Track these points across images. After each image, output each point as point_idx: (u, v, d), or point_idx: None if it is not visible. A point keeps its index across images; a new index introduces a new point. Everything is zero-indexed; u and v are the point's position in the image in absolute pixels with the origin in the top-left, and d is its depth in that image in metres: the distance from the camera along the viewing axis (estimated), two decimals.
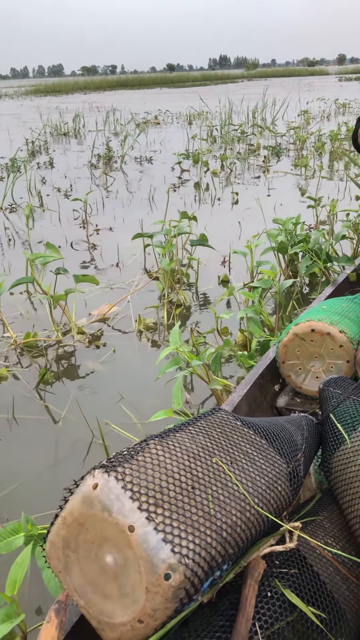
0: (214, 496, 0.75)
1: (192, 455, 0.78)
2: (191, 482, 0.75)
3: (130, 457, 0.75)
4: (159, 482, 0.72)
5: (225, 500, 0.76)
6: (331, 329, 1.29)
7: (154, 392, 1.93)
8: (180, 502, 0.72)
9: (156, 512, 0.70)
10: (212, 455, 0.80)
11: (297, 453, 0.95)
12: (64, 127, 11.38)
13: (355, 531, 0.93)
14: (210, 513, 0.73)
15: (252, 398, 1.33)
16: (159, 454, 0.75)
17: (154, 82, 42.78)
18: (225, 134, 8.87)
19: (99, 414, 1.82)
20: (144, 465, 0.74)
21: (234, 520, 0.76)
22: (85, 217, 4.25)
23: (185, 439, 0.80)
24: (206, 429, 0.84)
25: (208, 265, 3.29)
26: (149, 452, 0.76)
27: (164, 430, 0.83)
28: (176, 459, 0.76)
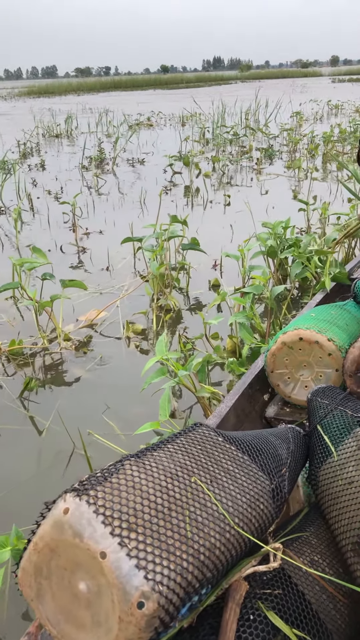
0: (191, 517, 0.72)
1: (170, 474, 0.74)
2: (168, 503, 0.71)
3: (104, 479, 0.72)
4: (134, 504, 0.69)
5: (204, 522, 0.73)
6: (319, 337, 1.26)
7: (141, 400, 1.89)
8: (155, 525, 0.69)
9: (129, 537, 0.67)
10: (191, 474, 0.77)
11: (282, 468, 0.92)
12: (56, 128, 11.33)
13: (342, 547, 0.90)
14: (187, 536, 0.70)
15: (240, 408, 1.30)
16: (134, 475, 0.72)
17: (147, 83, 42.81)
18: (218, 135, 8.85)
19: (84, 423, 1.78)
20: (117, 488, 0.70)
21: (213, 542, 0.72)
22: (74, 220, 4.21)
23: (163, 457, 0.77)
24: (186, 446, 0.80)
25: (199, 269, 3.26)
26: (123, 473, 0.72)
27: (141, 449, 0.80)
28: (152, 480, 0.72)
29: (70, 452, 1.67)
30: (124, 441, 1.67)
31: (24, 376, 2.12)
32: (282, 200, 5.01)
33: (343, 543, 0.90)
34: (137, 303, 2.81)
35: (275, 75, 54.32)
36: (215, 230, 4.09)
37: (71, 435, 1.70)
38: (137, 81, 44.21)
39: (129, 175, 6.68)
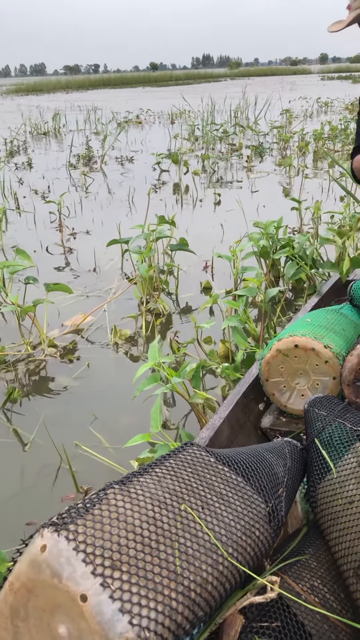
0: (181, 550, 0.66)
1: (158, 503, 0.68)
2: (155, 535, 0.65)
3: (86, 510, 0.65)
4: (118, 539, 0.63)
5: (195, 554, 0.67)
6: (315, 344, 1.20)
7: (130, 409, 1.82)
8: (141, 561, 0.62)
9: (112, 576, 0.60)
10: (181, 500, 0.70)
11: (278, 488, 0.86)
12: (44, 126, 11.19)
13: (344, 572, 0.84)
14: (176, 572, 0.64)
15: (234, 419, 1.24)
16: (118, 505, 0.66)
17: (136, 81, 42.61)
18: (207, 133, 8.79)
19: (71, 435, 1.71)
20: (100, 520, 0.64)
21: (205, 576, 0.66)
22: (60, 220, 4.12)
23: (151, 483, 0.71)
24: (175, 469, 0.74)
25: (189, 271, 3.19)
26: (107, 504, 0.66)
27: (127, 474, 0.73)
28: (139, 510, 0.66)
29: (57, 466, 1.60)
30: (113, 454, 1.60)
31: (6, 385, 2.04)
32: (273, 198, 4.96)
33: (344, 568, 0.84)
34: (125, 307, 2.74)
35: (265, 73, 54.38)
36: (205, 230, 4.03)
37: (57, 449, 1.62)
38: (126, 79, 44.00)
39: (117, 173, 6.59)
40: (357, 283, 1.64)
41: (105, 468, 1.56)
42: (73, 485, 1.49)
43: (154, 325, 2.48)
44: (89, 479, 1.52)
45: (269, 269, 2.89)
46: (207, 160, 6.91)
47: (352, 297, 1.63)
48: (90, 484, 1.50)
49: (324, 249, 3.06)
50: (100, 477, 1.52)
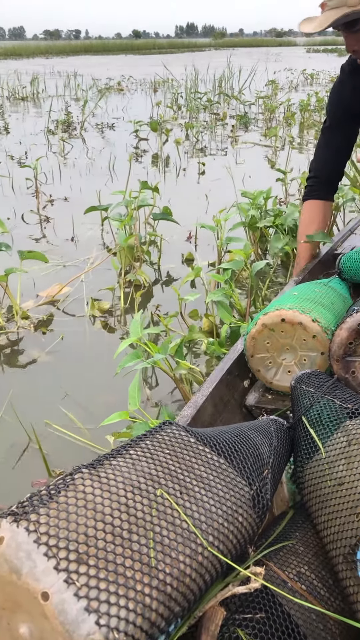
0: (156, 540, 0.58)
1: (132, 488, 0.60)
2: (128, 524, 0.57)
3: (50, 498, 0.57)
4: (85, 529, 0.55)
5: (172, 544, 0.59)
6: (303, 318, 1.12)
7: (107, 387, 1.73)
8: (111, 553, 0.55)
9: (78, 571, 0.52)
10: (158, 485, 0.62)
11: (263, 469, 0.79)
12: (22, 91, 10.74)
13: (333, 559, 0.78)
14: (150, 564, 0.56)
15: (218, 397, 1.16)
16: (86, 491, 0.57)
17: (119, 48, 41.34)
18: (191, 101, 8.53)
19: (42, 414, 1.61)
20: (66, 509, 0.55)
21: (182, 568, 0.59)
22: (36, 187, 3.94)
23: (124, 466, 0.62)
24: (152, 451, 0.66)
25: (172, 241, 3.08)
26: (74, 490, 0.58)
27: (98, 457, 0.65)
28: (110, 496, 0.58)
29: (25, 446, 1.50)
30: (87, 434, 1.52)
31: None
32: (258, 169, 4.83)
33: (333, 554, 0.78)
34: (104, 278, 2.63)
35: (250, 44, 53.19)
36: (189, 200, 3.90)
37: (26, 428, 1.53)
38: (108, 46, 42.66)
39: (97, 140, 6.35)
40: (345, 256, 1.57)
41: (80, 449, 1.48)
42: (44, 468, 1.40)
43: (133, 297, 2.38)
44: (63, 462, 1.44)
45: (256, 240, 2.80)
46: (190, 129, 6.71)
47: (341, 270, 1.56)
48: (64, 467, 1.42)
49: None
50: (75, 459, 1.44)
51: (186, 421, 1.02)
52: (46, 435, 1.54)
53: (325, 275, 1.58)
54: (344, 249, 2.04)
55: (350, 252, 1.55)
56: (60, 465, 1.43)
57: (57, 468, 1.42)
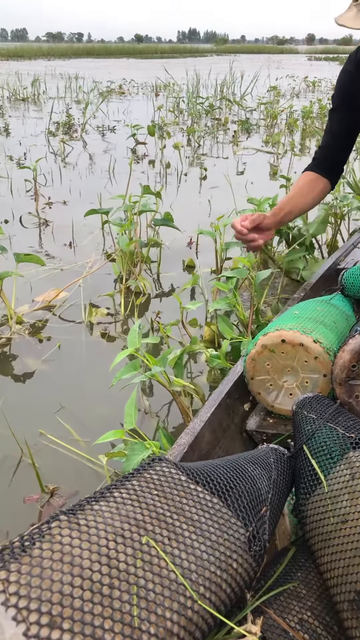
0: (140, 595, 0.52)
1: (114, 536, 0.54)
2: (109, 579, 0.51)
3: (22, 550, 0.51)
4: (61, 586, 0.49)
5: (158, 599, 0.53)
6: (304, 339, 1.07)
7: (105, 398, 1.67)
8: (89, 614, 0.48)
9: (50, 637, 0.46)
10: (144, 531, 0.57)
11: (261, 507, 0.74)
12: (22, 92, 10.70)
13: (337, 604, 0.72)
14: (133, 625, 0.50)
15: (217, 422, 1.10)
16: (64, 542, 0.51)
17: (121, 52, 41.41)
18: (193, 105, 8.50)
19: (36, 425, 1.55)
20: (39, 564, 0.49)
21: (169, 627, 0.53)
22: (35, 188, 3.88)
23: (107, 512, 0.56)
24: (138, 492, 0.60)
25: (173, 247, 3.02)
26: (50, 541, 0.52)
27: (79, 501, 0.59)
28: (89, 546, 0.52)
29: (18, 460, 1.45)
30: (84, 446, 1.46)
31: None
32: (261, 175, 4.79)
33: (338, 599, 0.72)
34: (103, 283, 2.57)
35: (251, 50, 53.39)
36: (190, 205, 3.85)
37: (18, 440, 1.47)
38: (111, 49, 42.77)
39: (98, 143, 6.31)
40: (348, 271, 1.51)
41: (75, 464, 1.42)
42: (37, 483, 1.34)
43: (133, 304, 2.32)
44: (56, 477, 1.38)
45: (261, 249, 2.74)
46: (192, 134, 6.67)
47: (344, 286, 1.50)
48: (58, 482, 1.36)
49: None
50: (69, 474, 1.38)
51: (183, 449, 0.97)
52: (40, 447, 1.49)
53: (328, 292, 1.52)
54: (347, 263, 1.99)
55: (353, 268, 1.50)
56: (54, 480, 1.37)
57: (50, 483, 1.36)
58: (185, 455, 0.95)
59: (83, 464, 1.42)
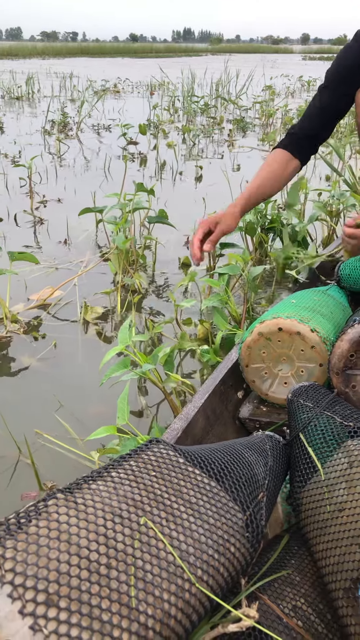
0: (138, 576, 0.52)
1: (112, 516, 0.54)
2: (106, 558, 0.51)
3: (18, 527, 0.51)
4: (58, 564, 0.49)
5: (155, 580, 0.53)
6: (301, 328, 1.07)
7: (101, 396, 1.67)
8: (86, 593, 0.48)
9: (47, 615, 0.46)
10: (142, 512, 0.57)
11: (258, 492, 0.74)
12: (17, 90, 10.67)
13: (331, 592, 0.73)
14: (130, 605, 0.50)
15: (210, 409, 1.11)
16: (60, 520, 0.51)
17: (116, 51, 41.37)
18: (188, 105, 8.50)
19: (32, 424, 1.55)
20: (36, 541, 0.49)
21: (167, 608, 0.53)
22: (30, 186, 3.88)
23: (104, 491, 0.57)
24: (136, 472, 0.60)
25: (168, 245, 3.02)
26: (46, 518, 0.52)
27: (77, 480, 0.59)
28: (86, 525, 0.52)
29: (16, 459, 1.44)
30: (82, 445, 1.46)
31: None
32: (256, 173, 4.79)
33: (332, 587, 0.72)
34: (98, 281, 2.57)
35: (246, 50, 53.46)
36: (186, 203, 3.85)
37: (16, 439, 1.47)
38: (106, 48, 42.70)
39: (93, 141, 6.30)
40: (344, 263, 1.53)
41: (72, 462, 1.42)
42: (35, 481, 1.34)
43: (128, 302, 2.32)
44: (54, 475, 1.37)
45: (255, 247, 2.75)
46: (187, 133, 6.67)
47: (340, 277, 1.51)
48: (55, 479, 1.36)
49: (313, 227, 2.94)
50: (66, 471, 1.38)
51: (176, 434, 0.97)
52: (37, 446, 1.48)
53: (324, 283, 1.53)
54: (342, 255, 2.00)
55: (350, 260, 1.51)
56: (52, 478, 1.37)
57: (48, 481, 1.36)
58: (179, 439, 0.96)
59: (80, 461, 1.42)
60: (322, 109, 1.70)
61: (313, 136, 1.72)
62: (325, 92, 1.71)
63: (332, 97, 1.69)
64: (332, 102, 1.69)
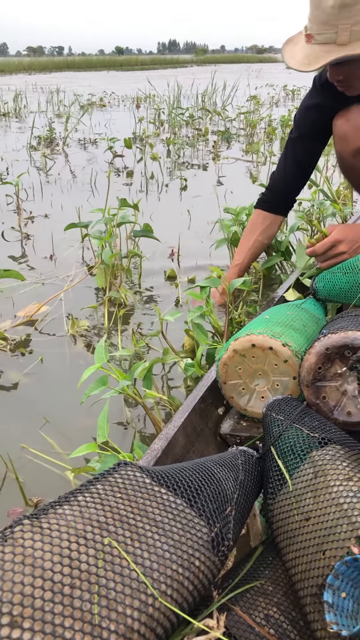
0: (101, 594, 0.55)
1: (77, 538, 0.57)
2: (70, 579, 0.54)
3: None
4: (22, 587, 0.51)
5: (118, 597, 0.56)
6: (273, 343, 1.11)
7: (87, 410, 1.69)
8: (49, 613, 0.51)
9: (10, 636, 0.49)
10: (107, 533, 0.59)
11: (226, 507, 0.77)
12: (3, 107, 10.74)
13: (301, 599, 0.75)
14: (93, 622, 0.53)
15: (191, 427, 1.13)
16: (26, 545, 0.54)
17: (102, 64, 41.72)
18: (174, 117, 8.59)
19: (18, 439, 1.57)
20: (1, 566, 0.52)
21: (130, 623, 0.55)
22: (17, 203, 3.91)
23: (69, 515, 0.59)
24: (102, 495, 0.63)
25: (153, 258, 3.06)
26: (12, 544, 0.54)
27: (43, 506, 0.62)
28: (51, 548, 0.55)
29: (3, 475, 1.46)
30: (66, 461, 1.47)
31: None
32: (240, 184, 4.86)
33: (302, 593, 0.75)
34: (84, 296, 2.60)
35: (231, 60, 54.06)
36: (171, 216, 3.90)
37: (2, 455, 1.48)
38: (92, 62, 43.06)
39: (80, 156, 6.36)
40: (319, 276, 1.56)
41: (58, 477, 1.43)
42: (21, 497, 1.36)
43: (115, 316, 2.35)
44: (40, 490, 1.39)
45: None
46: (172, 145, 6.75)
47: (315, 290, 1.55)
48: (41, 495, 1.38)
49: (294, 236, 2.99)
50: (52, 487, 1.40)
51: (156, 454, 0.99)
52: (24, 462, 1.50)
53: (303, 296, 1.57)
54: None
55: (324, 272, 1.55)
56: (39, 493, 1.38)
57: (34, 497, 1.37)
58: (159, 460, 0.98)
59: (67, 476, 1.44)
60: (294, 163, 1.77)
61: (292, 192, 1.82)
62: (293, 144, 1.78)
63: (301, 149, 1.76)
64: (303, 154, 1.76)
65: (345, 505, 0.76)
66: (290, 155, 1.78)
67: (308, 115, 1.72)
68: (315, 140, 1.73)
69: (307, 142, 1.74)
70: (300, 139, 1.75)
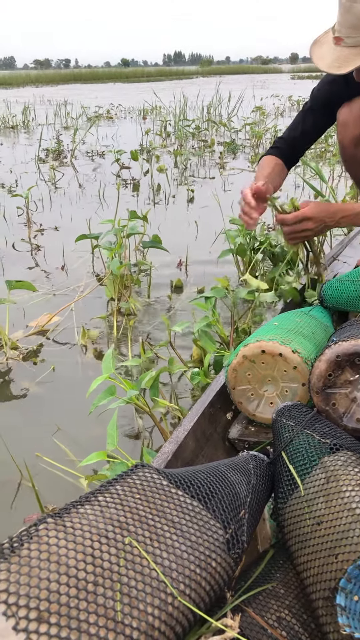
0: (123, 592, 0.57)
1: (99, 537, 0.59)
2: (93, 576, 0.56)
3: (11, 551, 0.56)
4: (48, 584, 0.54)
5: (140, 595, 0.58)
6: (283, 349, 1.13)
7: (99, 418, 1.71)
8: (75, 609, 0.53)
9: (38, 630, 0.51)
10: (127, 532, 0.62)
11: (240, 510, 0.79)
12: (12, 119, 10.91)
13: (313, 602, 0.77)
14: (116, 619, 0.55)
15: (200, 431, 1.16)
16: (51, 543, 0.57)
17: (108, 76, 42.24)
18: (180, 129, 8.69)
19: (33, 447, 1.60)
20: (28, 563, 0.55)
21: (151, 621, 0.58)
22: (27, 215, 3.98)
23: (91, 514, 0.62)
24: (121, 496, 0.66)
25: (161, 268, 3.10)
26: (37, 542, 0.57)
27: (65, 505, 0.64)
28: (75, 547, 0.57)
29: (17, 483, 1.48)
30: (78, 469, 1.50)
31: None
32: None
33: (313, 597, 0.77)
34: (94, 306, 2.64)
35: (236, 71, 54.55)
36: (179, 227, 3.94)
37: (17, 463, 1.51)
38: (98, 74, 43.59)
39: (88, 168, 6.44)
40: (327, 284, 1.59)
41: (71, 485, 1.46)
42: (37, 504, 1.38)
43: (124, 325, 2.39)
44: (55, 497, 1.42)
45: (246, 267, 2.82)
46: (179, 157, 6.82)
47: (323, 298, 1.57)
48: (56, 502, 1.40)
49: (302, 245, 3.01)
50: (67, 494, 1.42)
51: (167, 458, 1.02)
52: (38, 470, 1.52)
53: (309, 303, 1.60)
54: (327, 275, 2.07)
55: (331, 280, 1.57)
56: (53, 501, 1.41)
57: (49, 504, 1.40)
58: (169, 463, 1.00)
59: (80, 484, 1.46)
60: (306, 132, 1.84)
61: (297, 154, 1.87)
62: (311, 115, 1.84)
63: (317, 122, 1.83)
64: (317, 126, 1.83)
65: (357, 510, 0.78)
66: (301, 126, 1.86)
67: (324, 90, 1.79)
68: (324, 116, 1.81)
69: (317, 115, 1.81)
70: (315, 111, 1.82)
